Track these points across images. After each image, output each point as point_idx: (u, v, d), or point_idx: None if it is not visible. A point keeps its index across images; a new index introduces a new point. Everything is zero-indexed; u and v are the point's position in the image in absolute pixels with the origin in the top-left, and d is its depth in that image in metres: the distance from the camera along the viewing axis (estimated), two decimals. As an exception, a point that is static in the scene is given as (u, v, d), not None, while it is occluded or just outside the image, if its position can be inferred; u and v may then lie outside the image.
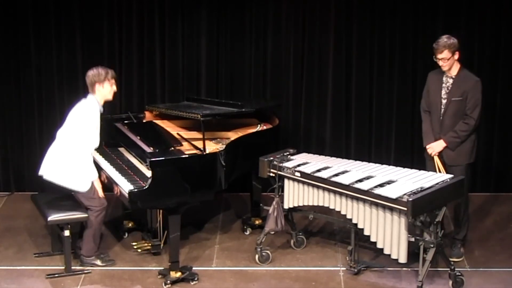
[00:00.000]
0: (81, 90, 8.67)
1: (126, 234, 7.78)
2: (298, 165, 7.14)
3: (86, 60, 8.63)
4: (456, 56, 6.94)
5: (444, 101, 7.00)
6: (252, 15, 8.60)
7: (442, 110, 7.01)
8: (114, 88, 6.99)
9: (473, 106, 6.90)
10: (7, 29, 8.55)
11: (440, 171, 7.04)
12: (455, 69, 6.99)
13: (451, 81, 6.99)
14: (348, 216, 6.84)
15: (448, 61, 6.91)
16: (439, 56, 6.93)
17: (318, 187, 6.95)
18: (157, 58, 8.64)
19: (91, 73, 6.93)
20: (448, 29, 8.45)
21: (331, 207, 6.93)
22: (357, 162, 7.29)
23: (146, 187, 6.67)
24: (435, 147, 7.08)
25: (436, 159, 7.11)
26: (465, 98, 6.90)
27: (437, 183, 6.67)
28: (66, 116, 8.43)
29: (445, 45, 6.91)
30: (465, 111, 6.92)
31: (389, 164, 7.33)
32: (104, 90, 6.93)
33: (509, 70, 8.57)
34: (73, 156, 6.89)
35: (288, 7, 8.55)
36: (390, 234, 6.57)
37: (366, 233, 6.73)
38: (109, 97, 6.99)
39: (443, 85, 7.03)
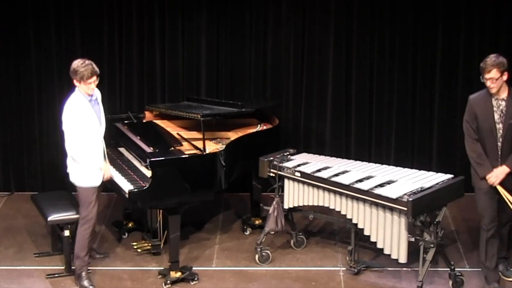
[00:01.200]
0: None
1: (126, 234, 7.78)
2: (298, 165, 7.14)
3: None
4: (505, 77, 6.40)
5: (498, 126, 6.41)
6: (252, 15, 8.60)
7: (499, 135, 6.42)
8: (93, 86, 6.60)
9: None
10: (7, 29, 8.54)
11: (510, 201, 6.52)
12: (505, 90, 6.44)
13: (503, 103, 6.41)
14: (348, 216, 6.84)
15: (496, 81, 6.34)
16: (487, 76, 6.35)
17: (318, 187, 6.95)
18: (157, 58, 8.64)
19: (71, 68, 6.58)
20: (448, 29, 8.47)
21: (331, 207, 6.93)
22: (357, 162, 7.30)
23: (146, 187, 6.68)
24: (499, 175, 6.46)
25: (500, 188, 6.51)
26: None
27: (437, 183, 6.68)
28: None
29: (494, 63, 6.35)
30: None
31: (389, 164, 7.35)
32: (81, 87, 6.60)
33: (509, 70, 8.54)
34: (69, 151, 6.74)
35: (288, 7, 8.55)
36: (390, 234, 6.57)
37: (366, 233, 6.74)
38: (89, 92, 6.62)
39: (495, 109, 6.43)
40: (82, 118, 6.61)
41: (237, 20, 8.60)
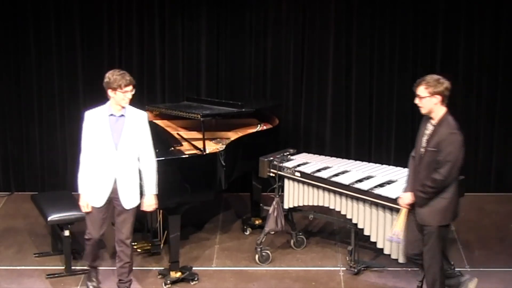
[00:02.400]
0: (81, 90, 8.70)
1: (126, 234, 7.77)
2: (298, 165, 7.14)
3: (86, 60, 8.63)
4: (436, 100, 5.93)
5: (422, 150, 6.03)
6: (252, 15, 8.60)
7: (419, 159, 6.05)
8: (129, 96, 6.23)
9: (443, 161, 5.86)
10: (7, 29, 8.54)
11: (396, 226, 6.17)
12: (437, 115, 5.98)
13: (431, 128, 6.00)
14: (348, 216, 6.84)
15: (422, 100, 5.94)
16: (416, 90, 5.98)
17: (318, 187, 6.95)
18: (157, 58, 8.64)
19: (106, 79, 6.21)
20: (448, 29, 8.47)
21: (331, 207, 6.93)
22: (357, 162, 7.30)
23: (146, 187, 6.67)
24: (404, 198, 6.12)
25: (402, 212, 6.15)
26: (438, 150, 5.89)
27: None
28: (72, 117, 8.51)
29: (422, 81, 5.97)
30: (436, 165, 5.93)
31: (389, 164, 7.35)
32: (117, 96, 6.19)
33: (509, 70, 8.57)
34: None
35: (288, 7, 8.55)
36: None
37: (366, 233, 6.74)
38: (122, 104, 6.23)
39: (426, 131, 6.04)
40: (93, 130, 6.23)
41: (237, 20, 8.60)
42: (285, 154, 7.35)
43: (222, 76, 8.71)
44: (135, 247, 7.41)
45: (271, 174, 7.22)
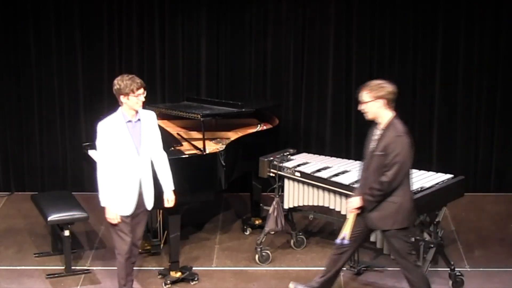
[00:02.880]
0: (81, 90, 8.70)
1: (126, 234, 7.77)
2: (298, 165, 7.14)
3: (86, 60, 8.63)
4: (379, 104, 5.89)
5: (370, 155, 6.05)
6: (252, 15, 8.60)
7: (367, 164, 6.05)
8: (142, 98, 6.12)
9: (390, 163, 5.84)
10: (7, 29, 8.54)
11: (344, 230, 6.12)
12: (384, 119, 5.95)
13: (379, 133, 5.98)
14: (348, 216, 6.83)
15: (365, 105, 5.93)
16: (359, 96, 5.99)
17: (318, 187, 6.95)
18: (157, 58, 8.64)
19: (116, 86, 6.11)
20: (448, 29, 8.47)
21: (331, 207, 6.93)
22: (357, 162, 7.29)
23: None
24: (352, 203, 6.09)
25: (351, 217, 6.11)
26: (386, 153, 5.87)
27: (437, 183, 6.68)
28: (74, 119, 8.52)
29: (365, 86, 5.96)
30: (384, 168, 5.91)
31: (389, 164, 7.34)
32: (130, 101, 6.08)
33: (509, 70, 8.57)
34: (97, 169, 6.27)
35: (288, 7, 8.55)
36: (390, 234, 6.56)
37: (366, 233, 6.74)
38: (136, 107, 6.12)
39: (373, 136, 6.04)
40: (113, 140, 6.10)
41: (237, 20, 8.60)
42: (285, 154, 7.35)
43: (222, 76, 8.71)
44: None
45: (271, 174, 7.22)
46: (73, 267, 7.08)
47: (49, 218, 6.99)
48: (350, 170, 7.02)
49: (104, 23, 8.57)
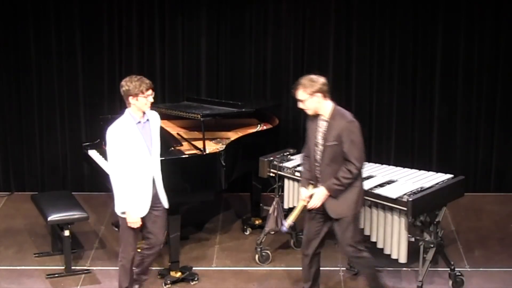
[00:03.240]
0: (81, 90, 8.70)
1: (126, 234, 7.77)
2: (298, 165, 7.13)
3: (86, 60, 8.63)
4: (317, 98, 5.94)
5: (320, 147, 6.05)
6: (252, 15, 8.60)
7: (319, 157, 6.05)
8: (151, 99, 6.12)
9: (350, 149, 5.91)
10: (7, 29, 8.54)
11: (290, 218, 6.21)
12: (326, 111, 6.00)
13: (325, 124, 6.01)
14: (348, 216, 6.84)
15: (304, 103, 5.98)
16: (296, 96, 6.01)
17: (318, 187, 6.94)
18: (157, 58, 8.64)
19: (123, 88, 6.07)
20: (448, 29, 8.47)
21: (331, 207, 6.92)
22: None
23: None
24: (319, 196, 6.05)
25: (300, 205, 6.18)
26: (340, 142, 5.93)
27: (437, 183, 6.68)
28: (69, 117, 8.50)
29: (297, 85, 5.97)
30: (344, 156, 5.96)
31: (389, 164, 7.35)
32: (139, 102, 6.06)
33: (509, 70, 8.57)
34: (110, 175, 6.26)
35: (288, 7, 8.55)
36: (390, 234, 6.57)
37: (366, 233, 6.74)
38: (145, 108, 6.13)
39: (319, 128, 6.05)
40: (126, 143, 6.08)
41: (237, 20, 8.60)
42: (285, 154, 7.35)
43: (222, 76, 8.71)
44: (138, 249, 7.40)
45: (271, 174, 7.22)
46: (73, 267, 7.08)
47: (49, 218, 6.99)
48: (350, 170, 7.01)
49: (104, 23, 8.57)
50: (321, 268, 6.90)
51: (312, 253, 6.33)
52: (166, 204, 6.32)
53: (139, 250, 7.36)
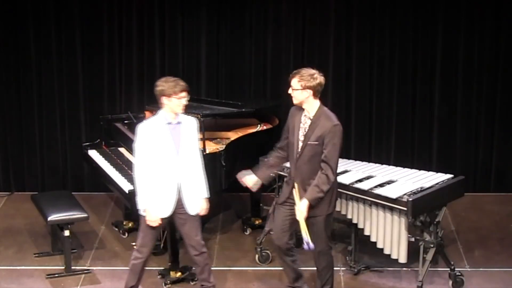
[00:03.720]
0: (81, 91, 8.69)
1: (126, 234, 7.78)
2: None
3: (86, 60, 8.63)
4: (307, 94, 5.96)
5: (300, 144, 6.09)
6: (252, 15, 8.60)
7: (298, 153, 6.10)
8: (184, 102, 6.17)
9: (330, 152, 5.96)
10: (7, 30, 8.54)
11: (305, 236, 6.09)
12: (312, 109, 6.05)
13: (308, 122, 6.05)
14: (348, 216, 6.84)
15: (295, 92, 6.00)
16: (290, 81, 6.04)
17: (318, 187, 6.93)
18: (157, 58, 8.64)
19: (158, 88, 6.17)
20: (448, 29, 8.47)
21: (331, 207, 6.92)
22: (357, 162, 7.30)
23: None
24: (302, 210, 6.06)
25: (302, 220, 6.09)
26: (321, 143, 5.97)
27: (437, 183, 6.68)
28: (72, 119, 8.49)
29: (298, 73, 6.01)
30: (321, 157, 6.00)
31: (389, 164, 7.35)
32: (172, 103, 6.13)
33: (509, 70, 8.56)
34: (134, 171, 6.33)
35: (288, 7, 8.55)
36: (390, 234, 6.57)
37: (366, 233, 6.74)
38: (178, 110, 6.18)
39: (301, 125, 6.10)
40: (153, 141, 6.14)
41: (237, 20, 8.60)
42: (285, 154, 7.34)
43: (222, 76, 8.71)
44: (134, 247, 7.39)
45: (271, 174, 7.21)
46: (73, 267, 7.07)
47: (49, 218, 6.99)
48: (350, 170, 7.01)
49: (104, 23, 8.57)
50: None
51: (284, 246, 6.34)
52: (191, 211, 6.28)
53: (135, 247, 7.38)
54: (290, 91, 6.06)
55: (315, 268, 7.11)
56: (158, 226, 6.28)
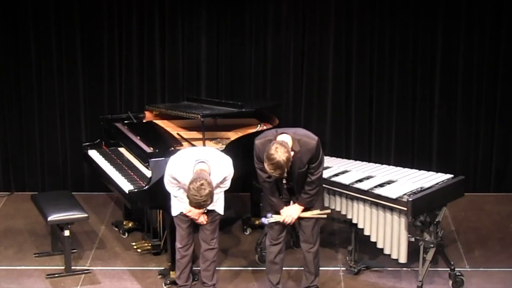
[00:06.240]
0: (81, 90, 8.69)
1: (126, 234, 7.78)
2: (298, 165, 7.13)
3: (86, 60, 8.63)
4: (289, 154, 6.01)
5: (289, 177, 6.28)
6: (252, 15, 8.60)
7: (290, 185, 6.34)
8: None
9: (318, 162, 6.20)
10: (7, 30, 8.54)
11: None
12: (289, 144, 6.11)
13: (292, 153, 6.10)
14: (348, 216, 6.85)
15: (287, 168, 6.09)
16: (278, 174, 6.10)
17: (318, 187, 6.94)
18: (157, 58, 8.64)
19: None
20: (448, 29, 8.47)
21: (331, 207, 6.93)
22: (357, 162, 7.30)
23: (146, 187, 6.67)
24: (293, 214, 6.35)
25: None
26: (310, 162, 6.19)
27: (437, 183, 6.68)
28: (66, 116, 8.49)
29: (279, 167, 6.01)
30: (309, 170, 6.23)
31: (389, 164, 7.35)
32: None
33: (509, 70, 8.56)
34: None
35: (288, 7, 8.55)
36: (390, 234, 6.57)
37: (366, 233, 6.74)
38: None
39: None
40: None
41: (237, 20, 8.60)
42: (285, 154, 7.34)
43: (222, 76, 8.71)
44: (134, 247, 7.41)
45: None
46: (73, 267, 7.08)
47: (49, 218, 6.98)
48: (350, 170, 7.02)
49: (104, 23, 8.56)
50: (320, 268, 6.92)
51: (282, 240, 6.51)
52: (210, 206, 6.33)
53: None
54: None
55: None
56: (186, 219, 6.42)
